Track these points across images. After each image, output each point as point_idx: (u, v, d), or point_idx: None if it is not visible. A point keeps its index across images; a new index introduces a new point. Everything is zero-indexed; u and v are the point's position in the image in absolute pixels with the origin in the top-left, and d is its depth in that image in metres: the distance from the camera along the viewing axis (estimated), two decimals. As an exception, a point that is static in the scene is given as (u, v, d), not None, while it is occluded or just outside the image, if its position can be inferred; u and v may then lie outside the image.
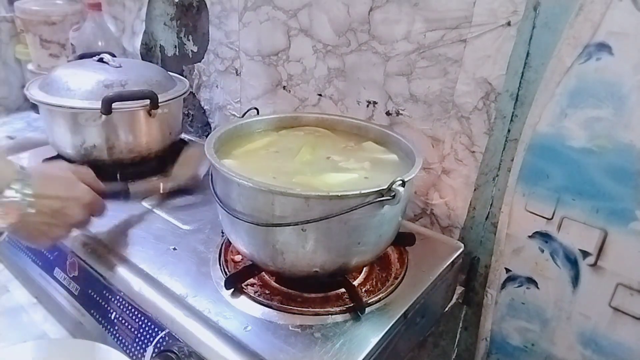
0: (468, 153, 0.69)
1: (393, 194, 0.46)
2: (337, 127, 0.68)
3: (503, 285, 0.71)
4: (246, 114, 0.66)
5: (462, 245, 0.68)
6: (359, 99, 0.78)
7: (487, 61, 0.62)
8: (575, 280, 0.63)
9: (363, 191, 0.45)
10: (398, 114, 0.74)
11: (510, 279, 0.70)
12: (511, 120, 0.63)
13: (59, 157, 0.83)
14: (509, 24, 0.59)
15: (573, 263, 0.62)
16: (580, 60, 0.55)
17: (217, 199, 0.52)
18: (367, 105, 0.77)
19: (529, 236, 0.65)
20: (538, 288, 0.67)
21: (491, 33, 0.61)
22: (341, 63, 0.78)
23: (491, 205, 0.69)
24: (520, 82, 0.60)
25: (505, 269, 0.70)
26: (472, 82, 0.65)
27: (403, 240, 0.62)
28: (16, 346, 0.55)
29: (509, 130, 0.64)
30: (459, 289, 0.73)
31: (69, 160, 0.83)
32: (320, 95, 0.83)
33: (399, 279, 0.59)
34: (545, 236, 0.64)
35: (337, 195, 0.45)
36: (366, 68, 0.75)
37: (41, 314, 0.63)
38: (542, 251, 0.65)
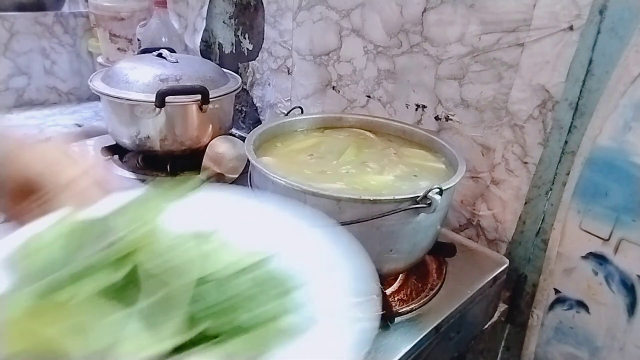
0: (520, 164, 0.65)
1: (429, 202, 0.44)
2: (382, 130, 0.66)
3: (551, 307, 0.66)
4: (290, 113, 0.66)
5: (508, 260, 0.65)
6: (408, 102, 0.76)
7: (546, 67, 0.58)
8: (632, 308, 0.57)
9: (397, 197, 0.44)
10: (448, 119, 0.71)
11: (559, 300, 0.65)
12: (569, 131, 0.59)
13: (117, 146, 0.87)
14: (571, 28, 0.55)
15: (629, 289, 0.57)
16: (649, 69, 0.50)
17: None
18: (416, 109, 0.75)
19: (582, 257, 0.61)
20: (589, 313, 0.62)
21: (551, 38, 0.57)
22: (391, 65, 0.76)
23: (543, 220, 0.65)
24: (581, 90, 0.56)
25: (555, 289, 0.65)
26: (528, 89, 0.61)
27: (443, 250, 0.60)
28: None
29: (566, 142, 0.59)
30: (502, 307, 0.70)
31: (125, 150, 0.88)
32: (368, 97, 0.81)
33: (434, 291, 0.57)
34: (600, 258, 0.59)
35: (370, 200, 0.44)
36: (417, 70, 0.73)
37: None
38: (596, 274, 0.60)
